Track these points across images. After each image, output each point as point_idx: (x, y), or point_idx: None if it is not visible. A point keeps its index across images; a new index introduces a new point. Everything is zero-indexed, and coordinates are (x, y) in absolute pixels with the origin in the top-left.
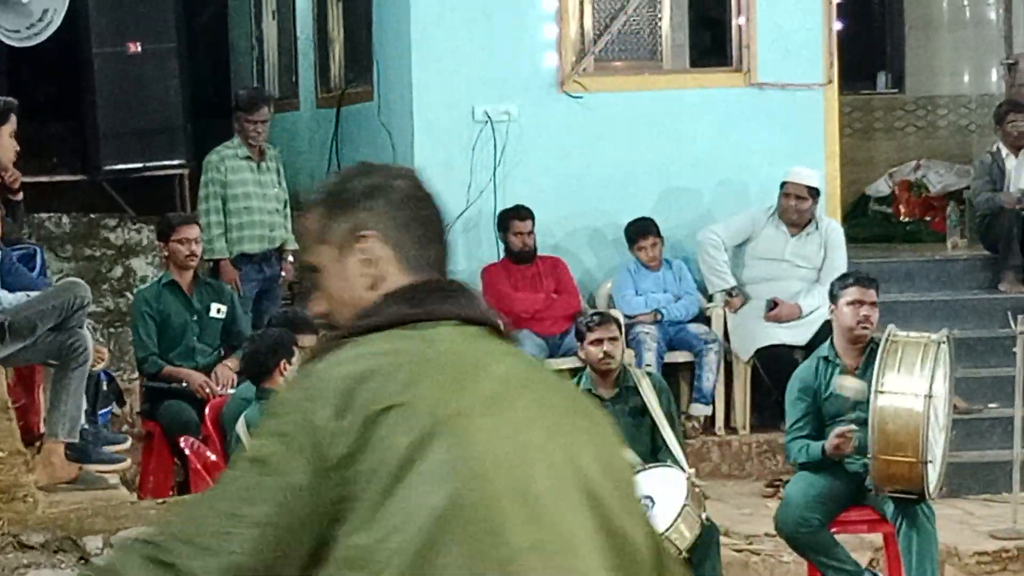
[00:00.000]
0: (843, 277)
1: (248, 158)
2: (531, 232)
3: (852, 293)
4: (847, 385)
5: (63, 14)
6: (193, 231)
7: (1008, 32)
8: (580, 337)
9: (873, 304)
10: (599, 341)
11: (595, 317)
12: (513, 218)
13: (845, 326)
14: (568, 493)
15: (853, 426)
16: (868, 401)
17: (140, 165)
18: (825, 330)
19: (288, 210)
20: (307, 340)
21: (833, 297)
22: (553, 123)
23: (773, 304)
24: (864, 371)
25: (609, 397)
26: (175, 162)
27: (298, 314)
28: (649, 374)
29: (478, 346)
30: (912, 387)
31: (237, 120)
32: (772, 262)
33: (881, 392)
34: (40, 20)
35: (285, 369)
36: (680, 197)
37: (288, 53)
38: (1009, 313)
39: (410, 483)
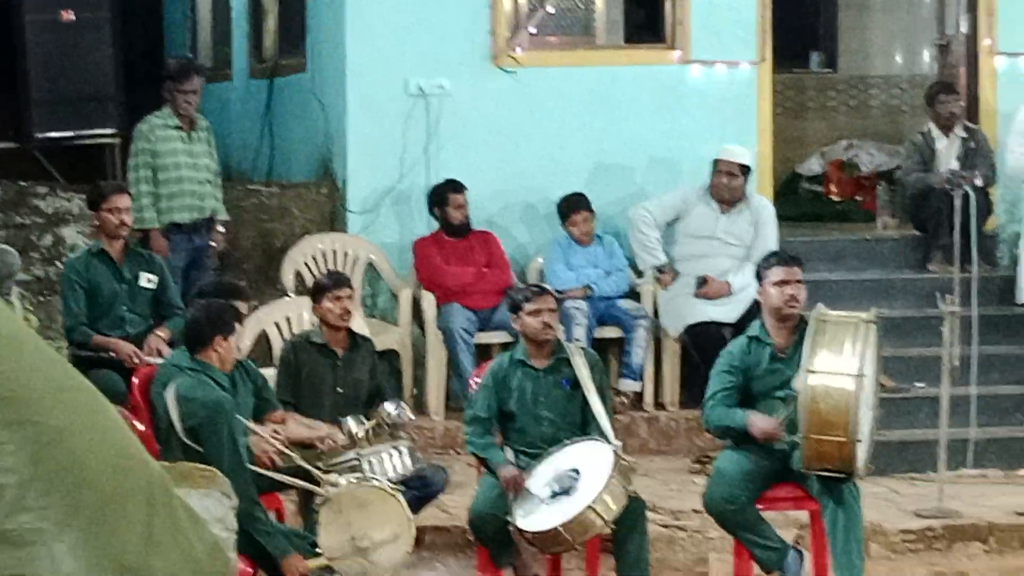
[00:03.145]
0: (767, 258)
1: (178, 128)
2: (466, 204)
3: (777, 273)
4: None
5: None
6: (124, 200)
7: (940, 13)
8: (516, 309)
9: (799, 282)
10: (538, 311)
11: (534, 288)
12: (451, 191)
13: (772, 306)
14: None
15: (783, 429)
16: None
17: (72, 134)
18: (755, 308)
19: (219, 180)
20: (240, 307)
21: (759, 277)
22: (487, 98)
23: (703, 281)
24: (795, 350)
25: (542, 368)
26: (107, 131)
27: (228, 282)
28: (582, 348)
29: None
30: (843, 367)
31: (167, 90)
32: (703, 239)
33: (812, 372)
34: None
35: (222, 344)
36: (612, 173)
37: (221, 23)
38: (937, 293)
39: None
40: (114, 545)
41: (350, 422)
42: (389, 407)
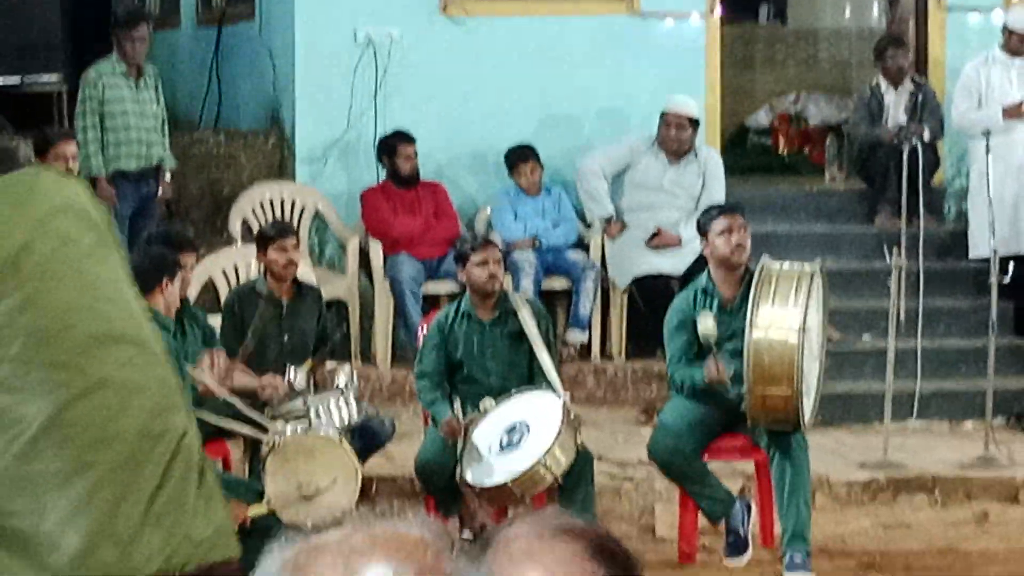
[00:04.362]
0: (707, 210)
1: (126, 75)
2: (415, 155)
3: (721, 223)
4: (706, 324)
5: None
6: (70, 148)
7: None
8: (462, 260)
9: (743, 228)
10: (484, 263)
11: (480, 239)
12: (401, 142)
13: (720, 256)
14: None
15: (722, 362)
16: (739, 334)
17: (17, 80)
18: (702, 260)
19: (166, 128)
20: (187, 258)
21: (702, 231)
22: (435, 47)
23: (656, 232)
24: (742, 301)
25: (488, 320)
26: (53, 78)
27: (178, 231)
28: (528, 300)
29: None
30: (787, 320)
31: (115, 37)
32: (651, 191)
33: (755, 326)
34: None
35: (166, 287)
36: (561, 124)
37: None
38: (884, 246)
39: None
40: (112, 512)
41: (293, 373)
42: (341, 380)
